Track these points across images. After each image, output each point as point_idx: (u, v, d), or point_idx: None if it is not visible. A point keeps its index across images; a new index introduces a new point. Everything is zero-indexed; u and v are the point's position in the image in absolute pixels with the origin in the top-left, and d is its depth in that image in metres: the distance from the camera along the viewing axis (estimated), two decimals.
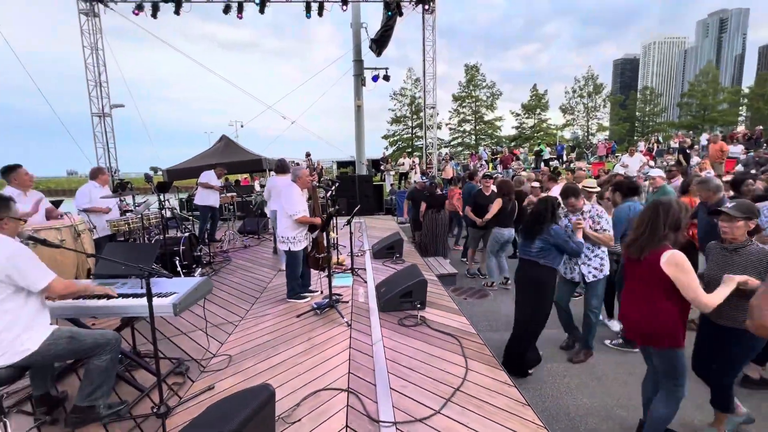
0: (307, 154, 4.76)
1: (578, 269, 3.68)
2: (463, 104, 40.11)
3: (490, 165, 19.24)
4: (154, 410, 2.36)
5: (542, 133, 39.26)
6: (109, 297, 2.50)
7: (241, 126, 25.52)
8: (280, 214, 4.38)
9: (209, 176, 7.53)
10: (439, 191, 7.19)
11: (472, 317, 4.67)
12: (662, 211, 2.29)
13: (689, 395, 2.46)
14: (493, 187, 6.20)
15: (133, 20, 11.56)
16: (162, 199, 5.12)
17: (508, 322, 4.61)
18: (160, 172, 9.87)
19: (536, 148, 20.47)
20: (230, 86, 14.04)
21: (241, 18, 11.89)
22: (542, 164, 18.53)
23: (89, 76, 11.98)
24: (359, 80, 13.79)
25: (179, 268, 5.42)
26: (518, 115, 41.22)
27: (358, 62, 13.79)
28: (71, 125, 11.50)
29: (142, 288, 2.59)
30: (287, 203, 4.26)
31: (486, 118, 40.10)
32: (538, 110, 40.42)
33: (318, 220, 4.29)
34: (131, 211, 5.50)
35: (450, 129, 40.72)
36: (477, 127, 40.33)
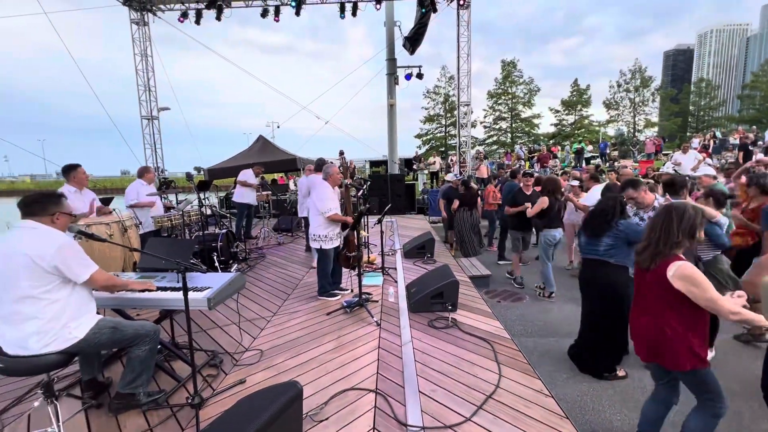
0: (341, 153, 4.79)
1: None
2: (499, 101, 39.07)
3: (527, 164, 18.60)
4: (189, 401, 2.45)
5: (583, 130, 37.46)
6: (149, 290, 2.61)
7: (278, 127, 26.20)
8: (312, 212, 4.42)
9: (247, 175, 7.79)
10: (472, 189, 6.99)
11: (506, 321, 4.52)
12: (676, 216, 2.07)
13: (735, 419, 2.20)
14: (534, 186, 5.95)
15: (179, 27, 12.20)
16: (201, 197, 5.32)
17: (545, 327, 4.42)
18: (201, 172, 10.35)
19: (577, 146, 19.53)
20: (268, 88, 14.42)
21: (277, 21, 12.20)
22: (584, 162, 17.67)
23: (139, 82, 12.77)
24: (392, 79, 13.75)
25: (216, 263, 5.62)
26: (557, 111, 39.59)
27: (391, 61, 13.75)
28: (123, 128, 12.32)
29: (179, 282, 2.67)
30: (319, 201, 4.29)
31: (523, 116, 38.84)
32: (579, 106, 38.60)
33: (349, 219, 4.29)
34: (174, 208, 5.76)
35: (485, 127, 39.82)
36: (513, 125, 39.16)
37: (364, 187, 6.02)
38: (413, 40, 13.00)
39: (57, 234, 2.11)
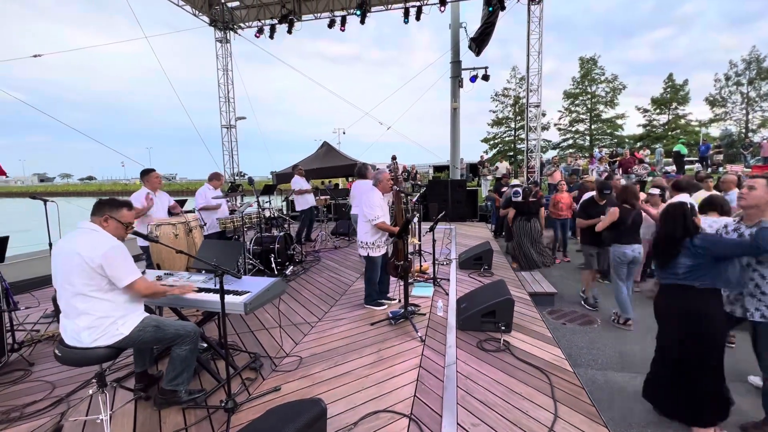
0: (393, 158, 4.69)
1: (741, 301, 2.68)
2: (577, 102, 36.09)
3: (607, 169, 16.76)
4: (223, 404, 2.47)
5: (679, 131, 32.97)
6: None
7: (343, 133, 27.17)
8: (360, 218, 4.34)
9: (298, 182, 8.03)
10: (533, 197, 6.39)
11: (571, 348, 3.99)
12: None
13: None
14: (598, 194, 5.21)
15: (257, 43, 13.19)
16: (260, 201, 5.55)
17: (619, 359, 3.81)
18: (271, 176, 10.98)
19: (675, 149, 17.11)
20: (337, 98, 14.92)
21: (343, 30, 12.56)
22: (682, 168, 15.45)
23: (220, 94, 14.02)
24: (456, 82, 13.37)
25: (273, 265, 5.82)
26: (646, 111, 35.38)
27: (456, 63, 13.39)
28: (207, 136, 13.62)
29: (214, 284, 2.70)
30: (367, 208, 4.19)
31: (604, 116, 35.39)
32: (675, 104, 34.07)
33: (395, 229, 4.11)
34: (236, 210, 6.10)
35: (559, 129, 37.04)
36: (593, 127, 35.87)
37: (417, 192, 5.80)
38: (479, 41, 12.51)
39: (108, 238, 2.25)
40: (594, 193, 5.27)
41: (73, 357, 2.22)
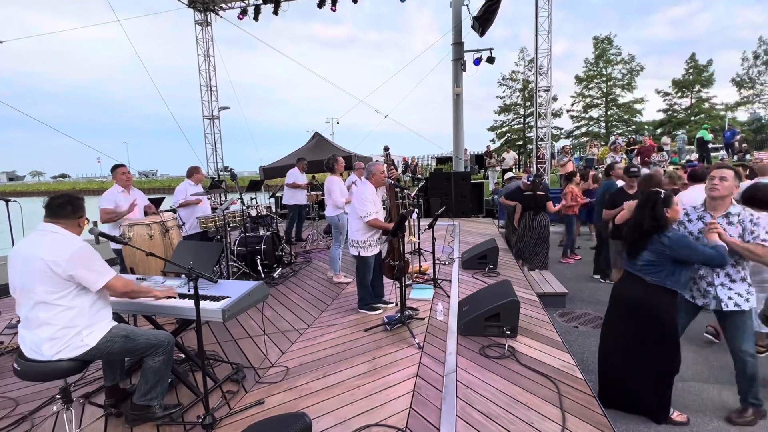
0: (386, 148, 4.61)
1: (713, 292, 2.86)
2: (590, 86, 35.98)
3: (624, 160, 16.74)
4: (200, 420, 2.45)
5: (703, 115, 32.90)
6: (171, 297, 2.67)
7: (337, 123, 27.06)
8: (351, 215, 4.32)
9: (295, 175, 8.00)
10: (540, 190, 6.37)
11: (583, 354, 3.99)
12: None
13: None
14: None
15: (239, 25, 13.11)
16: (243, 198, 5.51)
17: None
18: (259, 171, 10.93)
19: (698, 135, 17.07)
20: (329, 84, 14.80)
21: (334, 11, 12.49)
22: (706, 156, 15.45)
23: (201, 82, 13.97)
24: (458, 65, 13.29)
25: (260, 267, 5.81)
26: (667, 94, 35.31)
27: (458, 45, 13.30)
28: (187, 129, 13.55)
29: (189, 289, 2.67)
30: (358, 203, 4.17)
31: (621, 101, 35.30)
32: (698, 86, 33.98)
33: (389, 226, 4.09)
34: (217, 208, 6.06)
35: (572, 117, 36.95)
36: (608, 113, 35.79)
37: (410, 187, 5.77)
38: (483, 20, 12.43)
39: (73, 240, 2.22)
40: (622, 183, 5.33)
41: (33, 371, 2.20)
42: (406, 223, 4.27)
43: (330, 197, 5.63)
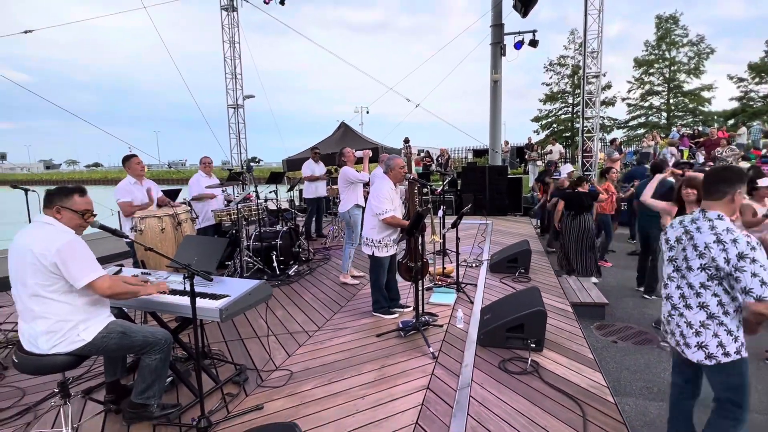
0: (406, 140, 4.50)
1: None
2: (651, 70, 34.07)
3: (686, 152, 15.76)
4: (195, 423, 2.50)
5: None
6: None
7: (367, 112, 27.11)
8: (366, 211, 4.29)
9: (310, 167, 8.02)
10: (584, 187, 6.09)
11: (620, 372, 3.79)
12: None
13: None
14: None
15: (266, 10, 13.30)
16: (258, 191, 5.60)
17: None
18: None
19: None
20: (360, 72, 14.73)
21: None
22: None
23: (226, 70, 14.32)
24: (497, 49, 12.96)
25: (275, 264, 5.89)
26: (741, 80, 32.87)
27: (497, 27, 12.95)
28: (211, 118, 13.97)
29: (190, 286, 2.69)
30: (374, 200, 4.12)
31: (686, 88, 33.22)
32: None
33: (405, 223, 4.02)
34: (232, 201, 6.20)
35: (628, 105, 35.17)
36: (671, 101, 33.80)
37: (430, 184, 5.65)
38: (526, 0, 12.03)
39: (63, 232, 2.29)
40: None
41: (29, 364, 2.31)
42: (426, 222, 4.19)
43: (344, 192, 5.61)
